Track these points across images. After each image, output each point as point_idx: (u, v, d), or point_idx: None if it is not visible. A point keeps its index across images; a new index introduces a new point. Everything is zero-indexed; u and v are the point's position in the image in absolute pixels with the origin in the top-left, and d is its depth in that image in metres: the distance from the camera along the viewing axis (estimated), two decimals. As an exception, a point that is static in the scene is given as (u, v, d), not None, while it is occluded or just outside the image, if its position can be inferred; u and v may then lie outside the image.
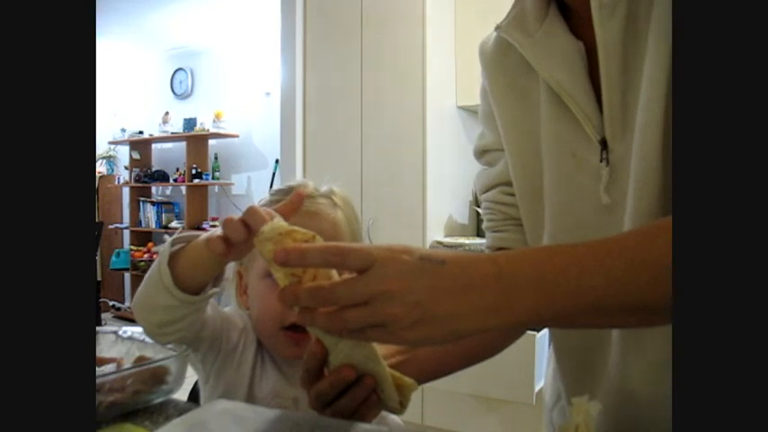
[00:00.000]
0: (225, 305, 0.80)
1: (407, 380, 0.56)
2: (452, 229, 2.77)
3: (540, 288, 0.46)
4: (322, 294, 0.47)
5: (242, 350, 0.75)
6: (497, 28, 0.70)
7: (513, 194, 0.73)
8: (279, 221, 0.51)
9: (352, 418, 0.56)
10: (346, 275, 0.49)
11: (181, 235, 0.63)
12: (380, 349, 0.56)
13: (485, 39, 0.77)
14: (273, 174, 4.50)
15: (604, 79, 0.59)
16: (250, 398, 0.73)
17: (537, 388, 2.26)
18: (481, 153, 0.80)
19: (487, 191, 0.79)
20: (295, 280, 0.49)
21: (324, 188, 0.81)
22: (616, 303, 0.46)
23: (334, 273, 0.50)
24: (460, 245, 2.46)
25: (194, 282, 0.61)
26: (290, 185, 0.81)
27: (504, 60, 0.72)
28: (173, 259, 0.61)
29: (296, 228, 0.50)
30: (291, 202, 0.58)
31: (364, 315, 0.45)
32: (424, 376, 0.70)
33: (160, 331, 0.64)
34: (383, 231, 2.66)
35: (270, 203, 0.72)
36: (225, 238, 0.55)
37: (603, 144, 0.61)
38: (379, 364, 0.54)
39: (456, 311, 0.45)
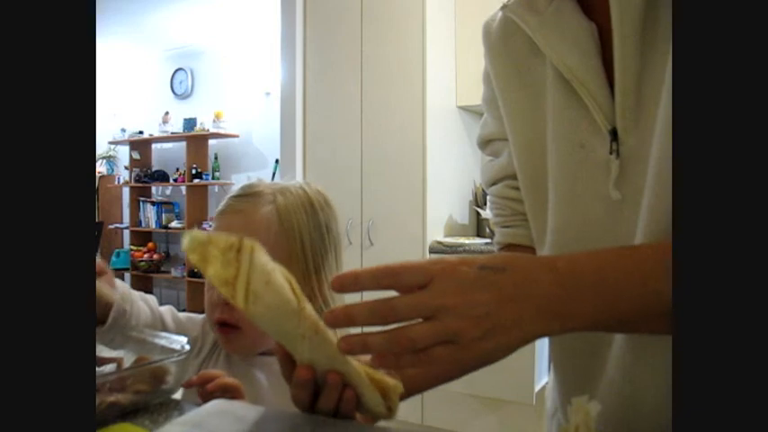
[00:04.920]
0: None
1: (390, 381, 0.52)
2: (452, 229, 2.77)
3: (602, 293, 0.45)
4: (382, 311, 0.44)
5: (195, 355, 0.82)
6: (503, 7, 0.66)
7: (519, 188, 0.70)
8: (196, 231, 0.48)
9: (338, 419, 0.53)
10: (279, 273, 0.46)
11: None
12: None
13: (489, 18, 0.72)
14: (273, 174, 4.51)
15: (618, 64, 0.55)
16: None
17: (537, 388, 2.26)
18: (485, 143, 0.77)
19: (493, 184, 0.76)
20: (229, 288, 0.45)
21: (283, 181, 0.85)
22: None
23: (274, 275, 0.47)
24: (460, 245, 2.46)
25: None
26: (245, 185, 0.85)
27: (509, 43, 0.68)
28: None
29: (216, 234, 0.47)
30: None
31: (432, 330, 0.43)
32: (439, 379, 0.68)
33: None
34: (383, 231, 2.66)
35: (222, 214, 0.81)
36: None
37: (614, 135, 0.57)
38: (347, 364, 0.50)
39: (521, 317, 0.44)
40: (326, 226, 0.83)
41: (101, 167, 5.76)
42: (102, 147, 5.70)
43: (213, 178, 4.98)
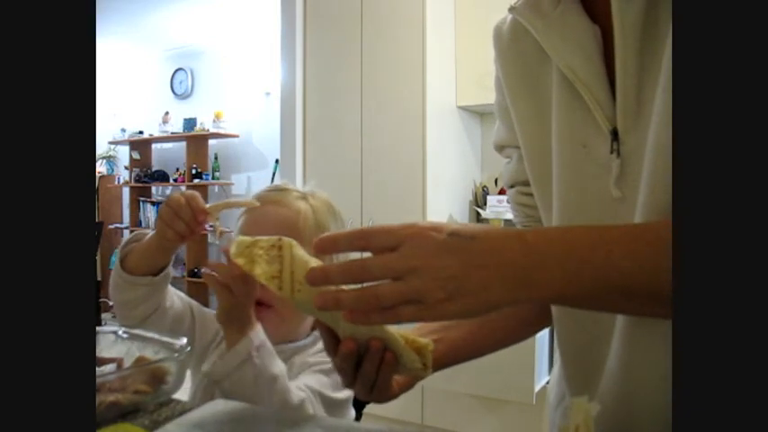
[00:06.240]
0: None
1: (422, 340, 0.57)
2: (452, 229, 2.77)
3: (567, 265, 0.46)
4: (354, 271, 0.47)
5: (215, 346, 0.84)
6: (511, 9, 0.67)
7: (529, 194, 0.72)
8: (241, 237, 0.56)
9: (379, 382, 0.57)
10: (315, 263, 0.52)
11: (139, 233, 0.83)
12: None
13: (499, 22, 0.74)
14: (273, 174, 4.50)
15: (619, 66, 0.56)
16: None
17: (537, 388, 2.26)
18: (499, 149, 0.79)
19: (509, 188, 0.79)
20: (276, 281, 0.52)
21: (305, 188, 0.92)
22: (644, 289, 0.46)
23: (312, 264, 0.53)
24: (460, 245, 2.46)
25: (140, 268, 0.79)
26: (276, 184, 0.92)
27: (518, 46, 0.69)
28: (129, 251, 0.80)
29: (258, 237, 0.55)
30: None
31: (398, 290, 0.46)
32: (457, 357, 0.72)
33: (121, 311, 0.81)
34: (383, 231, 2.66)
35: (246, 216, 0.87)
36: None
37: (614, 135, 0.58)
38: (385, 331, 0.55)
39: (487, 283, 0.46)
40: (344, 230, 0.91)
41: (101, 167, 5.75)
42: (102, 147, 5.69)
43: (213, 178, 4.97)
